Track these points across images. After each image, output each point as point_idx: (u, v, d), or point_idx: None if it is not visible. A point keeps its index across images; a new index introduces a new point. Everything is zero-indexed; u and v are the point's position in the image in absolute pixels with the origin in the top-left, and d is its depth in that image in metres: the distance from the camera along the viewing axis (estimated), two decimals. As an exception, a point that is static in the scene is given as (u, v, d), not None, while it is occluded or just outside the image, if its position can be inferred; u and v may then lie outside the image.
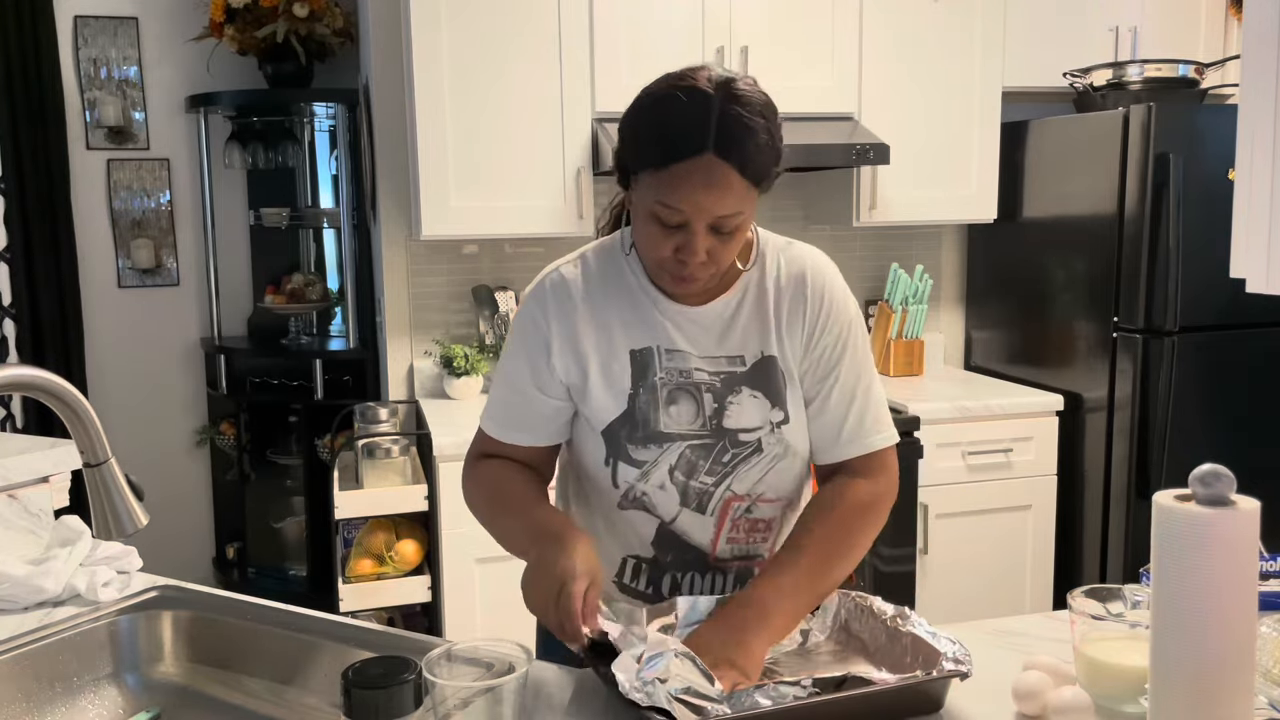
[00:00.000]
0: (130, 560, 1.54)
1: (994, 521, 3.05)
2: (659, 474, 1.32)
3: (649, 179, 1.20)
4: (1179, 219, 2.79)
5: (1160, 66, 3.05)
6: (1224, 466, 0.92)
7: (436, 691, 0.97)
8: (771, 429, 1.33)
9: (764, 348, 1.33)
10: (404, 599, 2.74)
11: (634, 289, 1.33)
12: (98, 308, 3.69)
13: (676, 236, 1.21)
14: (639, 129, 1.23)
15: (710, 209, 1.18)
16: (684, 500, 1.33)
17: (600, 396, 1.31)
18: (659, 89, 1.23)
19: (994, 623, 1.40)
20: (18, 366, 1.13)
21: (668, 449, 1.31)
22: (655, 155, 1.19)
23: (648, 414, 1.31)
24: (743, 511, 1.35)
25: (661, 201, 1.19)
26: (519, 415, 1.36)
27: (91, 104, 3.63)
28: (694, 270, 1.23)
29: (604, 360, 1.31)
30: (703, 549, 1.36)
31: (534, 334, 1.33)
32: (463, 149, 2.80)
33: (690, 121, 1.17)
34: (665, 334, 1.32)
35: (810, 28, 2.99)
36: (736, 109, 1.18)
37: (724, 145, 1.16)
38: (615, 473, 1.34)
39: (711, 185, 1.17)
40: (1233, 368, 2.92)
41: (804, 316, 1.34)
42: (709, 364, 1.32)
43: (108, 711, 1.35)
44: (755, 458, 1.33)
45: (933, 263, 3.55)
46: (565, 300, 1.32)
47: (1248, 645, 0.94)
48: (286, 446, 3.77)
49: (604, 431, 1.32)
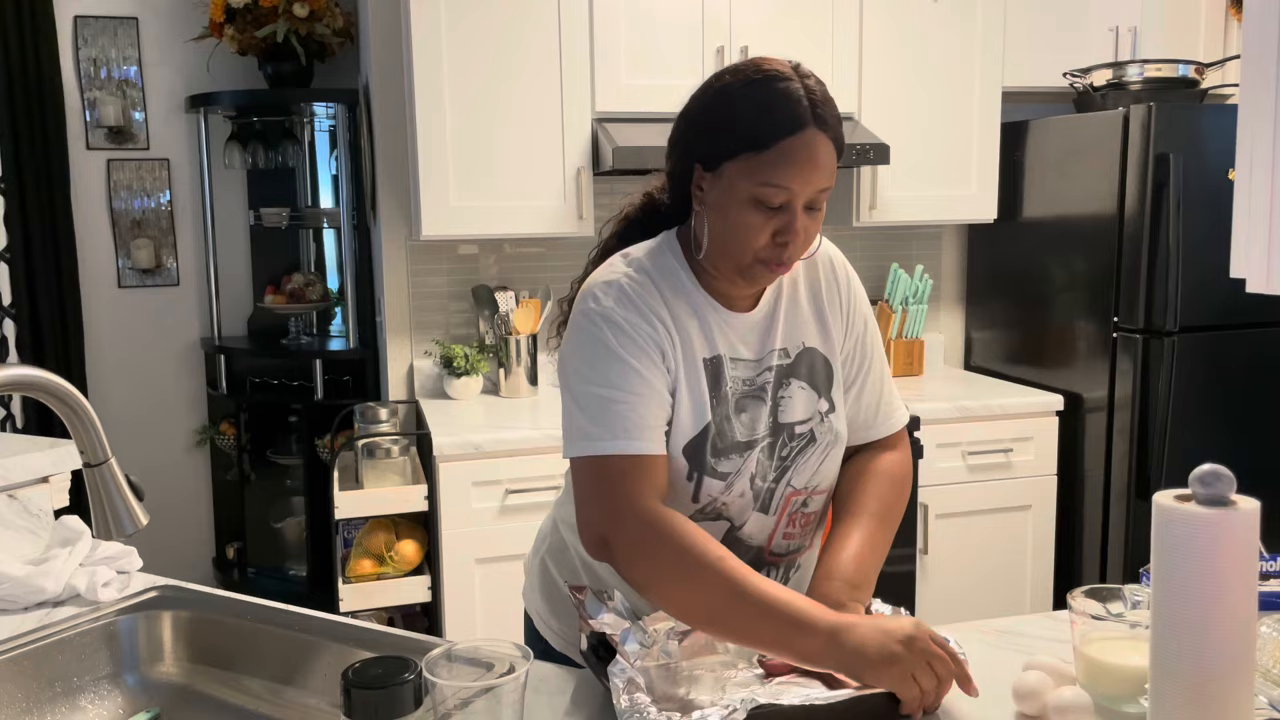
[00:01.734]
0: (130, 560, 1.54)
1: (994, 521, 3.05)
2: (741, 483, 1.30)
3: (745, 164, 1.19)
4: (1179, 219, 2.79)
5: (1160, 66, 3.05)
6: (1224, 466, 0.93)
7: (436, 691, 0.97)
8: (821, 418, 1.34)
9: (804, 339, 1.35)
10: (404, 599, 2.74)
11: (695, 295, 1.30)
12: (98, 308, 3.69)
13: (775, 219, 1.21)
14: (729, 117, 1.21)
15: (816, 182, 1.21)
16: (756, 504, 1.32)
17: (686, 408, 1.26)
18: (737, 81, 1.22)
19: (994, 623, 1.40)
20: (18, 366, 1.13)
21: (748, 456, 1.30)
22: (757, 137, 1.19)
23: (724, 425, 1.28)
24: (799, 506, 1.36)
25: (766, 182, 1.18)
26: (646, 418, 1.21)
27: (91, 104, 3.63)
28: (793, 251, 1.23)
29: (688, 371, 1.27)
30: (760, 546, 1.36)
31: (641, 334, 1.23)
32: (463, 149, 2.80)
33: (787, 101, 1.19)
34: (729, 341, 1.30)
35: (810, 28, 2.99)
36: (816, 86, 1.22)
37: (821, 119, 1.20)
38: (699, 488, 1.27)
39: (816, 160, 1.20)
40: (1233, 368, 2.92)
41: (841, 303, 1.38)
42: (763, 364, 1.32)
43: (108, 711, 1.35)
44: (810, 449, 1.34)
45: (933, 263, 3.55)
46: (654, 303, 1.26)
47: (1248, 645, 0.94)
48: (286, 446, 3.77)
49: (686, 447, 1.26)
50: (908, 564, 2.95)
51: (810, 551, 1.43)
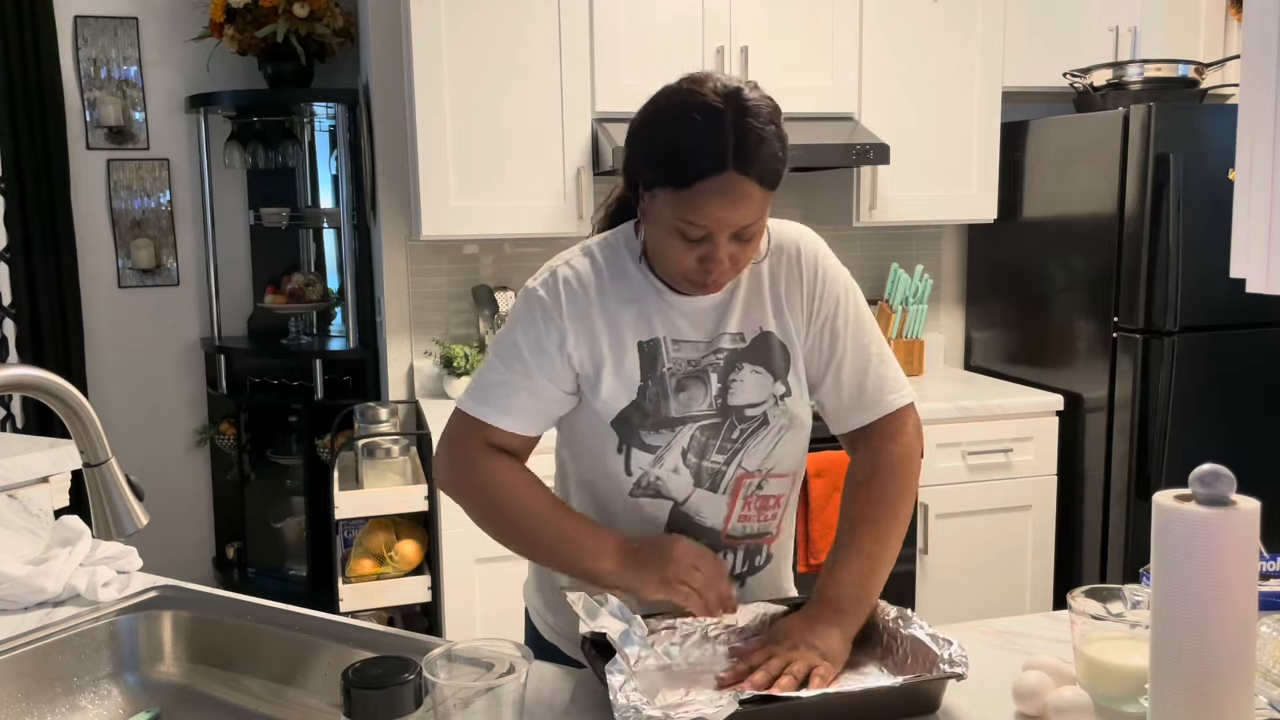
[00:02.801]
0: (130, 560, 1.54)
1: (994, 521, 3.05)
2: (672, 458, 1.33)
3: (668, 196, 1.21)
4: (1179, 219, 2.79)
5: (1160, 66, 3.04)
6: (1224, 466, 0.93)
7: (436, 691, 0.97)
8: (775, 402, 1.35)
9: (762, 323, 1.36)
10: (404, 599, 2.74)
11: (638, 281, 1.34)
12: (98, 308, 3.69)
13: (699, 248, 1.23)
14: (654, 148, 1.24)
15: (733, 222, 1.21)
16: (697, 481, 1.35)
17: (612, 388, 1.32)
18: (670, 106, 1.23)
19: (994, 623, 1.40)
20: (18, 366, 1.13)
21: (679, 432, 1.33)
22: (674, 175, 1.20)
23: (658, 402, 1.33)
24: (754, 489, 1.37)
25: (684, 219, 1.21)
26: (522, 403, 1.34)
27: (91, 104, 3.63)
28: (719, 277, 1.26)
29: (616, 354, 1.33)
30: (715, 528, 1.37)
31: (547, 323, 1.32)
32: (463, 149, 2.80)
33: (708, 140, 1.18)
34: (671, 324, 1.34)
35: (810, 28, 2.99)
36: (749, 121, 1.19)
37: (742, 160, 1.18)
38: (629, 460, 1.34)
39: (734, 201, 1.19)
40: (1233, 368, 2.92)
41: (802, 290, 1.37)
42: (712, 346, 1.34)
43: (108, 711, 1.35)
44: (762, 431, 1.35)
45: (933, 263, 3.55)
46: (579, 293, 1.33)
47: (1248, 645, 0.94)
48: (286, 446, 3.77)
49: (614, 421, 1.33)
50: (908, 564, 2.95)
51: (779, 540, 1.44)
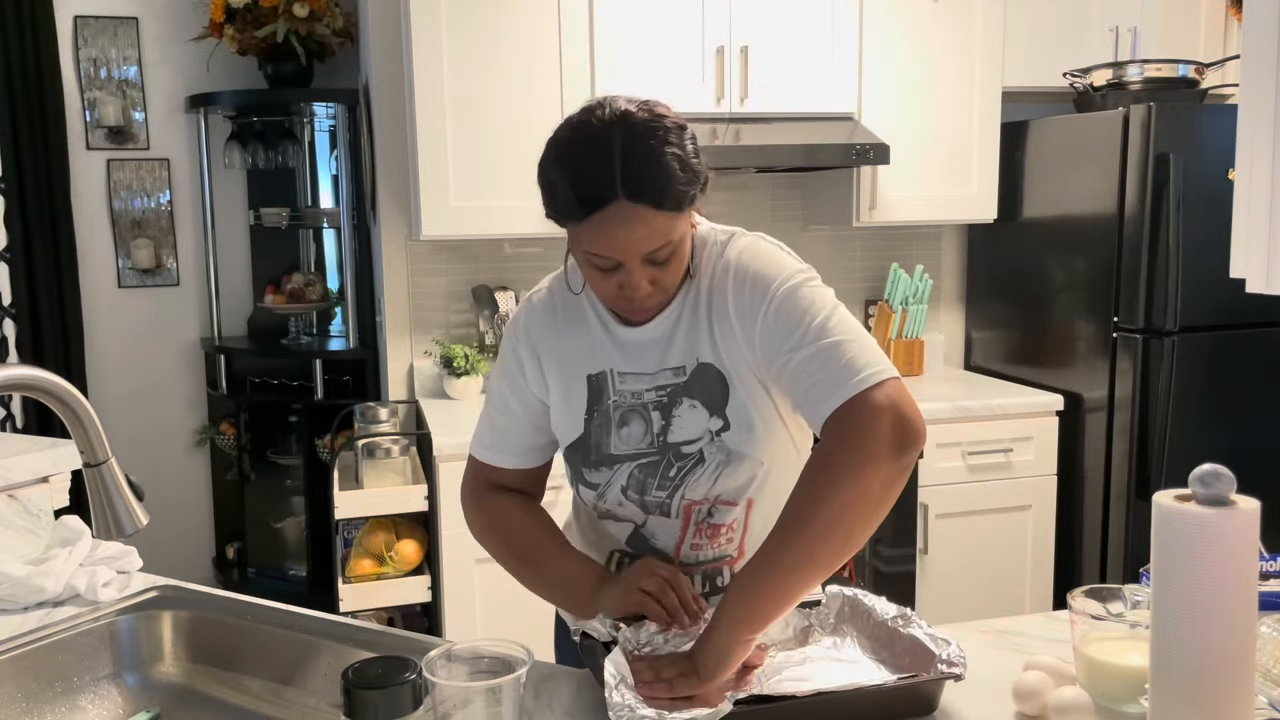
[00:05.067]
0: (130, 560, 1.54)
1: (994, 521, 3.05)
2: (613, 494, 1.36)
3: (573, 231, 1.21)
4: (1179, 219, 2.79)
5: (1160, 66, 3.04)
6: (1224, 466, 0.93)
7: (436, 691, 0.97)
8: (711, 438, 1.30)
9: (698, 354, 1.29)
10: (404, 599, 2.74)
11: (588, 314, 1.35)
12: (98, 308, 3.69)
13: (616, 275, 1.22)
14: (552, 184, 1.20)
15: (638, 248, 1.18)
16: (645, 510, 1.36)
17: (561, 421, 1.37)
18: (561, 140, 1.20)
19: (994, 623, 1.40)
20: (18, 366, 1.13)
21: (617, 470, 1.34)
22: (570, 210, 1.18)
23: (600, 437, 1.34)
24: (704, 515, 1.34)
25: (589, 251, 1.20)
26: (512, 440, 1.42)
27: (91, 104, 3.63)
28: (643, 301, 1.25)
29: (564, 386, 1.35)
30: (668, 552, 1.36)
31: (511, 359, 1.39)
32: (463, 149, 2.80)
33: (595, 171, 1.15)
34: (617, 357, 1.33)
35: (810, 28, 2.99)
36: (638, 145, 1.15)
37: (632, 187, 1.14)
38: (578, 491, 1.42)
39: (632, 228, 1.16)
40: (1233, 368, 2.92)
41: (730, 308, 1.27)
42: (655, 381, 1.32)
43: (108, 711, 1.35)
44: (699, 469, 1.31)
45: (933, 263, 3.55)
46: (535, 328, 1.38)
47: (1248, 645, 0.94)
48: (286, 446, 3.77)
49: (564, 454, 1.40)
50: (908, 564, 2.95)
51: (743, 560, 1.36)
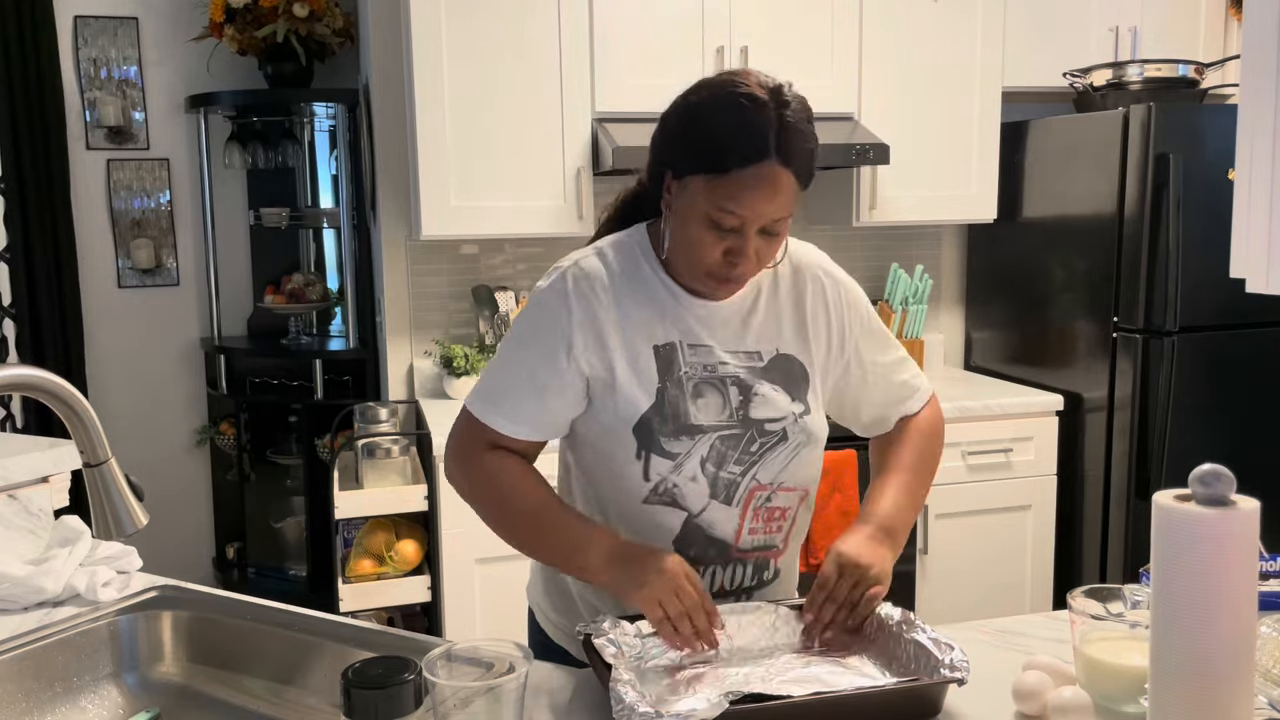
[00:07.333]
0: (130, 560, 1.54)
1: (994, 521, 3.05)
2: (691, 465, 1.32)
3: (704, 184, 1.22)
4: (1179, 219, 2.79)
5: (1160, 66, 3.04)
6: (1224, 466, 0.92)
7: (436, 691, 0.97)
8: (794, 419, 1.36)
9: (779, 345, 1.37)
10: (404, 599, 2.74)
11: (654, 284, 1.34)
12: (98, 308, 3.69)
13: (728, 240, 1.24)
14: (695, 134, 1.24)
15: (769, 213, 1.22)
16: (713, 492, 1.34)
17: (630, 391, 1.30)
18: (713, 94, 1.24)
19: (994, 623, 1.40)
20: (18, 366, 1.13)
21: (699, 440, 1.32)
22: (715, 161, 1.21)
23: (678, 406, 1.31)
24: (763, 501, 1.36)
25: (720, 206, 1.21)
26: (530, 409, 1.33)
27: (91, 104, 3.63)
28: (744, 271, 1.27)
29: (632, 355, 1.31)
30: (726, 540, 1.36)
31: (553, 328, 1.31)
32: (463, 149, 2.80)
33: (754, 128, 1.20)
34: (688, 328, 1.33)
35: (810, 27, 2.99)
36: (790, 115, 1.21)
37: (784, 152, 1.20)
38: (648, 466, 1.32)
39: (773, 191, 1.21)
40: (1233, 368, 2.92)
41: (826, 314, 1.40)
42: (731, 357, 1.35)
43: (108, 711, 1.35)
44: (781, 446, 1.36)
45: (933, 263, 3.55)
46: (589, 294, 1.31)
47: (1248, 645, 0.94)
48: (286, 446, 3.77)
49: (636, 425, 1.31)
50: (908, 564, 2.95)
51: (785, 556, 1.42)
